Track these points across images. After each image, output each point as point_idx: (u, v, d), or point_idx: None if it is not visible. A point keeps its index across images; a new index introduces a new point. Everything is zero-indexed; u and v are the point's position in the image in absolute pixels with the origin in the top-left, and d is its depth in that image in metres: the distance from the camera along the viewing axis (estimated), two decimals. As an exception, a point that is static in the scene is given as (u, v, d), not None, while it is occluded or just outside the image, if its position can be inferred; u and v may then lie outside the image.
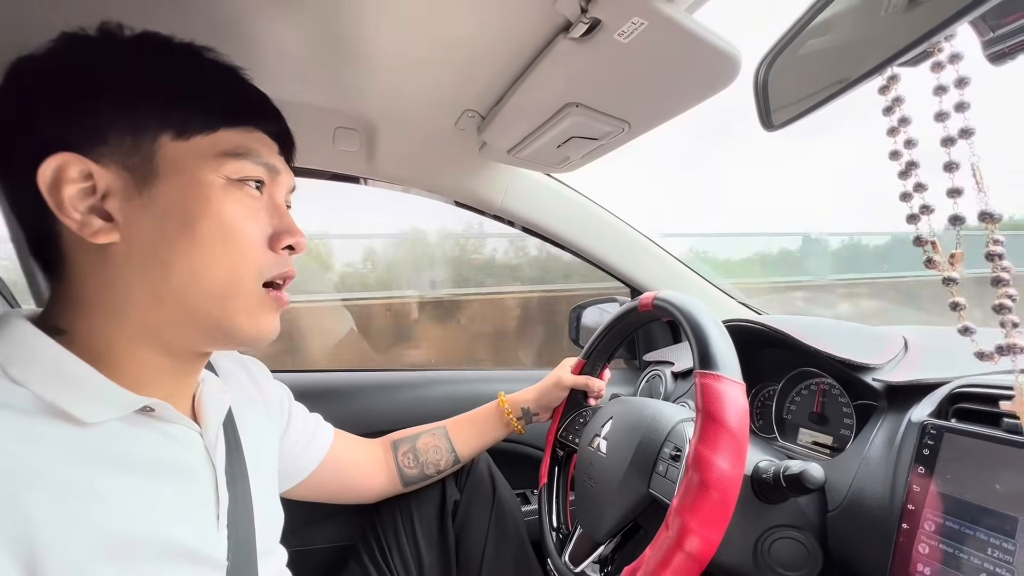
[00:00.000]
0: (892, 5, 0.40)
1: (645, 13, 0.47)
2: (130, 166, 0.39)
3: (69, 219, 0.37)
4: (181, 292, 0.40)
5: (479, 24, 0.54)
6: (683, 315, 0.58)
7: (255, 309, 0.44)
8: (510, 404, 0.83)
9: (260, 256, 0.44)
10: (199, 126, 0.41)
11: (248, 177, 0.43)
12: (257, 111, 0.46)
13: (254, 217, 0.44)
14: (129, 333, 0.41)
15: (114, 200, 0.39)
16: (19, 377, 0.36)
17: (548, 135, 0.72)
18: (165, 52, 0.42)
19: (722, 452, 0.47)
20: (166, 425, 0.43)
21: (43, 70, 0.39)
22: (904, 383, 0.57)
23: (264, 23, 0.57)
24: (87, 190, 0.38)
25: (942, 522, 0.45)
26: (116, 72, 0.40)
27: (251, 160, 0.43)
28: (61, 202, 0.37)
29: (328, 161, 0.89)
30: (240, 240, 0.42)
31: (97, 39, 0.41)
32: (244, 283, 0.43)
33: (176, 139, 0.40)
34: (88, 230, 0.38)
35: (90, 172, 0.38)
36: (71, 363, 0.38)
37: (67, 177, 0.37)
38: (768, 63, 0.51)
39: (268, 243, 0.45)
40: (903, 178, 0.35)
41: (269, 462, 0.59)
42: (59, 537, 0.33)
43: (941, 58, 0.33)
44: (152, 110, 0.40)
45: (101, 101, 0.39)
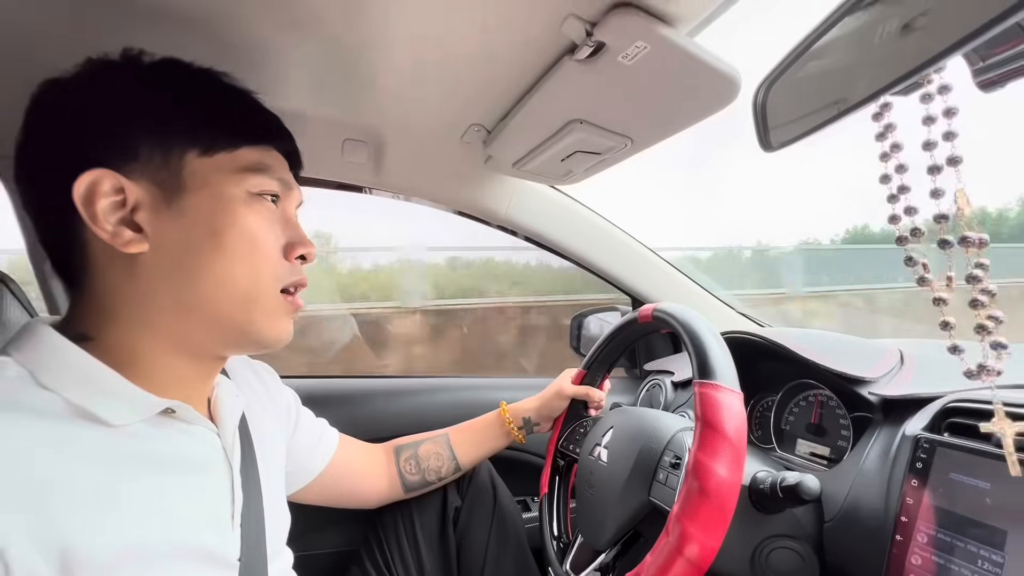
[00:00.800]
0: (886, 31, 0.42)
1: (648, 37, 0.48)
2: (159, 181, 0.41)
3: (102, 230, 0.40)
4: (207, 298, 0.43)
5: (488, 44, 0.56)
6: (682, 327, 0.59)
7: (274, 313, 0.47)
8: (511, 414, 0.84)
9: (277, 264, 0.47)
10: (223, 144, 0.44)
11: (266, 191, 0.46)
12: (273, 131, 0.49)
13: (271, 228, 0.47)
14: (155, 339, 0.43)
15: (144, 212, 0.41)
16: (49, 383, 0.38)
17: (552, 149, 0.74)
18: (188, 76, 0.45)
19: (721, 460, 0.48)
20: (186, 426, 0.45)
21: (74, 93, 0.42)
22: (899, 397, 0.59)
23: (276, 39, 0.58)
24: (118, 203, 0.40)
25: (934, 534, 0.46)
26: (145, 94, 0.42)
27: (269, 175, 0.46)
28: (95, 214, 0.39)
29: (336, 172, 0.91)
30: (261, 249, 0.45)
31: (122, 64, 0.43)
32: (265, 289, 0.45)
33: (202, 156, 0.43)
34: (119, 240, 0.40)
35: (122, 186, 0.40)
36: (97, 369, 0.40)
37: (101, 191, 0.39)
38: (767, 85, 0.52)
39: (283, 252, 0.47)
40: (892, 202, 0.37)
41: (278, 464, 0.61)
42: (88, 540, 0.34)
43: (930, 89, 0.35)
44: (180, 129, 0.42)
45: (133, 121, 0.41)
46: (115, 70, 0.43)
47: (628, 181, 5.46)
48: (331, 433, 0.75)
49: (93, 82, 0.42)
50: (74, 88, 0.42)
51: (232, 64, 0.49)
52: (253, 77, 0.51)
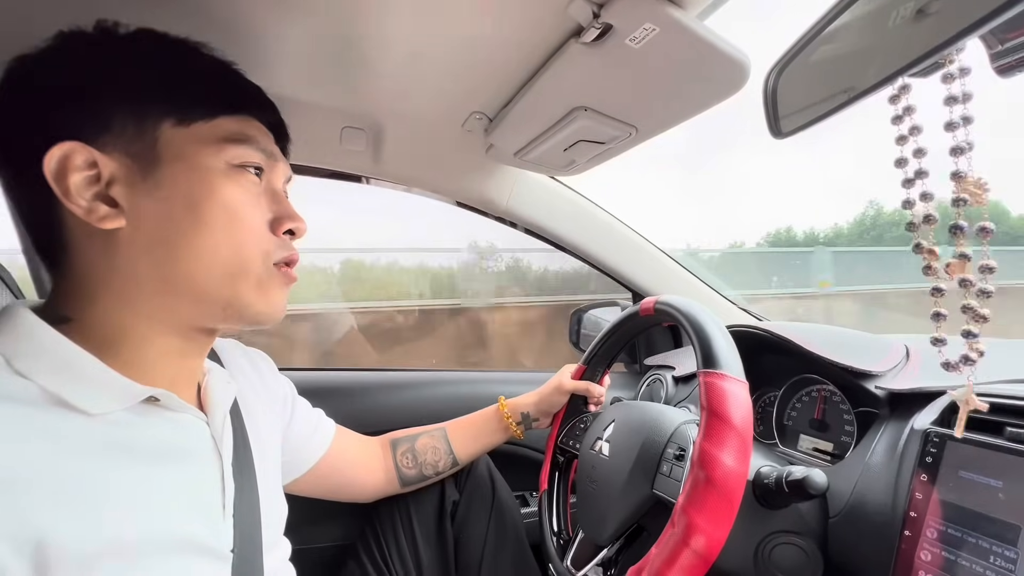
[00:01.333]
0: (900, 16, 0.41)
1: (657, 19, 0.47)
2: (133, 153, 0.40)
3: (76, 206, 0.38)
4: (188, 273, 0.41)
5: (490, 27, 0.55)
6: (685, 317, 0.58)
7: (264, 284, 0.45)
8: (510, 408, 0.83)
9: (263, 238, 0.45)
10: (200, 113, 0.42)
11: (248, 163, 0.44)
12: (253, 100, 0.47)
13: (255, 202, 0.45)
14: (137, 317, 0.41)
15: (119, 187, 0.39)
16: (24, 370, 0.36)
17: (555, 138, 0.72)
18: (160, 45, 0.43)
19: (727, 449, 0.47)
20: (172, 414, 0.43)
21: (44, 66, 0.40)
22: (906, 391, 0.58)
23: (274, 23, 0.57)
24: (92, 178, 0.39)
25: (944, 529, 0.45)
26: (117, 63, 0.41)
27: (250, 146, 0.44)
28: (67, 189, 0.38)
29: (334, 160, 0.89)
30: (243, 222, 0.43)
31: (95, 36, 0.42)
32: (251, 262, 0.44)
33: (177, 126, 0.41)
34: (95, 216, 0.38)
35: (95, 160, 0.39)
36: (76, 354, 0.38)
37: (72, 165, 0.38)
38: (778, 71, 0.51)
39: (269, 227, 0.46)
40: (908, 186, 0.35)
41: (274, 454, 0.59)
42: (66, 534, 0.33)
43: (952, 69, 0.33)
44: (154, 98, 0.41)
45: (103, 91, 0.40)
46: (87, 41, 0.41)
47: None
48: (327, 424, 0.74)
49: (63, 54, 0.41)
50: (44, 62, 0.40)
51: (229, 48, 0.47)
52: (250, 61, 0.49)
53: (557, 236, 1.06)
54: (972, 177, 0.31)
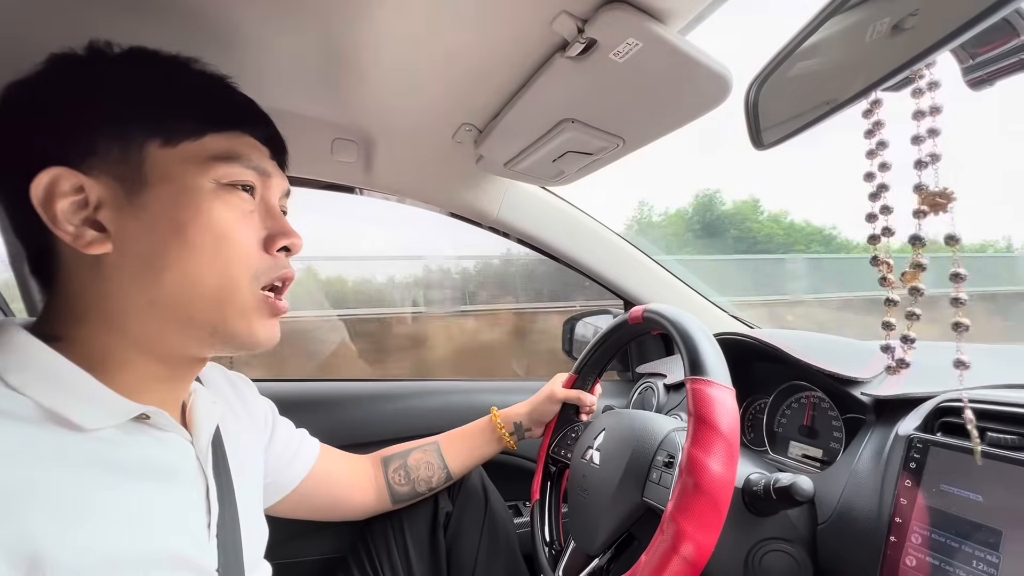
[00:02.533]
0: (876, 31, 0.42)
1: (639, 34, 0.48)
2: (120, 176, 0.39)
3: (63, 232, 0.38)
4: (175, 298, 0.40)
5: (478, 41, 0.56)
6: (672, 325, 0.59)
7: (250, 312, 0.44)
8: (503, 419, 0.83)
9: (254, 260, 0.44)
10: (186, 132, 0.41)
11: (238, 181, 0.43)
12: (244, 115, 0.46)
13: (246, 220, 0.44)
14: (125, 341, 0.41)
15: (106, 210, 0.39)
16: (17, 384, 0.36)
17: (544, 149, 0.73)
18: (150, 63, 0.43)
19: (715, 455, 0.47)
20: (160, 433, 0.43)
21: (32, 91, 0.40)
22: (891, 397, 0.58)
23: (265, 36, 0.58)
24: (80, 203, 0.38)
25: (929, 535, 0.46)
26: (101, 86, 0.40)
27: (240, 164, 0.43)
28: (55, 216, 0.38)
29: (326, 171, 0.90)
30: (232, 244, 0.42)
31: (84, 57, 0.42)
32: (238, 287, 0.43)
33: (164, 146, 0.40)
34: (82, 242, 0.38)
35: (81, 185, 0.38)
36: (69, 370, 0.38)
37: (59, 191, 0.38)
38: (759, 84, 0.52)
39: (262, 246, 0.45)
40: (873, 200, 0.36)
41: (255, 477, 0.59)
42: (58, 548, 0.33)
43: (921, 85, 0.34)
44: (138, 118, 0.40)
45: (87, 114, 0.39)
46: (75, 64, 0.41)
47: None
48: (310, 445, 0.72)
49: (51, 78, 0.40)
50: (33, 86, 0.40)
51: (221, 61, 0.47)
52: (241, 74, 0.49)
53: (548, 245, 1.07)
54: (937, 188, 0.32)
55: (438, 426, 0.85)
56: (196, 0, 0.51)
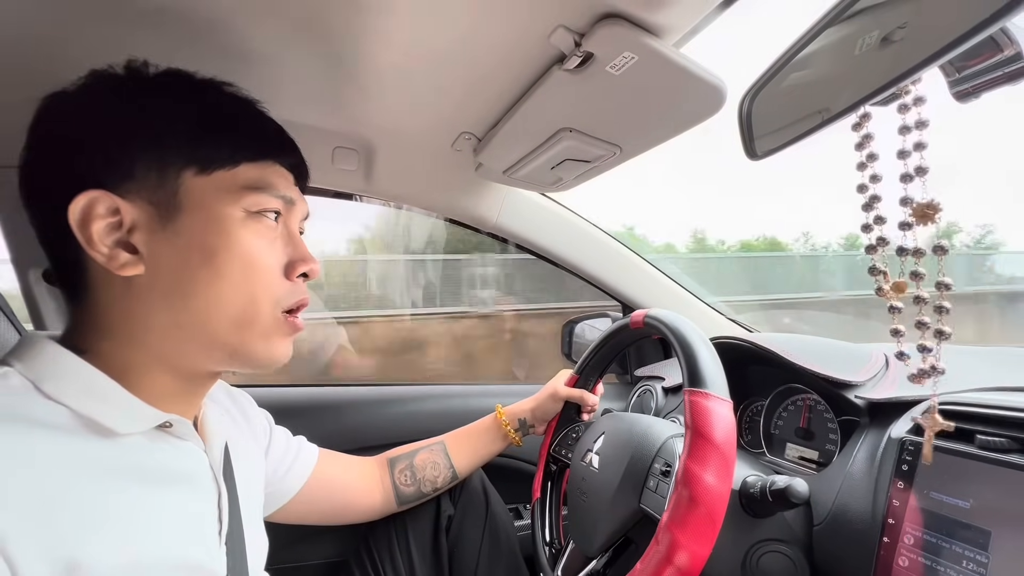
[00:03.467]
0: (866, 44, 0.43)
1: (635, 48, 0.49)
2: (155, 201, 0.41)
3: (97, 253, 0.39)
4: (200, 321, 0.42)
5: (477, 53, 0.57)
6: (673, 334, 0.60)
7: (271, 335, 0.45)
8: (507, 416, 0.84)
9: (277, 285, 0.45)
10: (222, 162, 0.43)
11: (266, 209, 0.45)
12: (276, 145, 0.47)
13: (271, 248, 0.45)
14: (148, 356, 0.42)
15: (140, 233, 0.40)
16: (53, 393, 0.37)
17: (542, 157, 0.74)
18: (188, 89, 0.44)
19: (710, 468, 0.48)
20: (179, 442, 0.45)
21: (74, 109, 0.41)
22: (884, 400, 0.59)
23: (267, 48, 0.58)
24: (114, 224, 0.39)
25: (921, 535, 0.47)
26: (143, 111, 0.41)
27: (269, 193, 0.45)
28: (90, 237, 0.39)
29: (326, 179, 0.90)
30: (258, 271, 0.44)
31: (124, 77, 0.43)
32: (261, 311, 0.44)
33: (199, 174, 0.42)
34: (115, 263, 0.39)
35: (118, 207, 0.39)
36: (100, 379, 0.39)
37: (96, 213, 0.39)
38: (752, 95, 0.53)
39: (284, 272, 0.46)
40: (866, 211, 0.37)
41: (257, 488, 0.60)
42: (93, 554, 0.34)
43: (907, 100, 0.36)
44: (177, 147, 0.41)
45: (130, 140, 0.40)
46: (115, 84, 0.42)
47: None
48: (309, 452, 0.73)
49: (92, 97, 0.41)
50: (74, 104, 0.41)
51: (224, 71, 0.48)
52: (244, 85, 0.50)
53: (547, 250, 1.08)
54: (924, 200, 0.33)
55: (440, 429, 0.86)
56: (199, 15, 0.52)
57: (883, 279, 0.40)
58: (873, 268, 0.39)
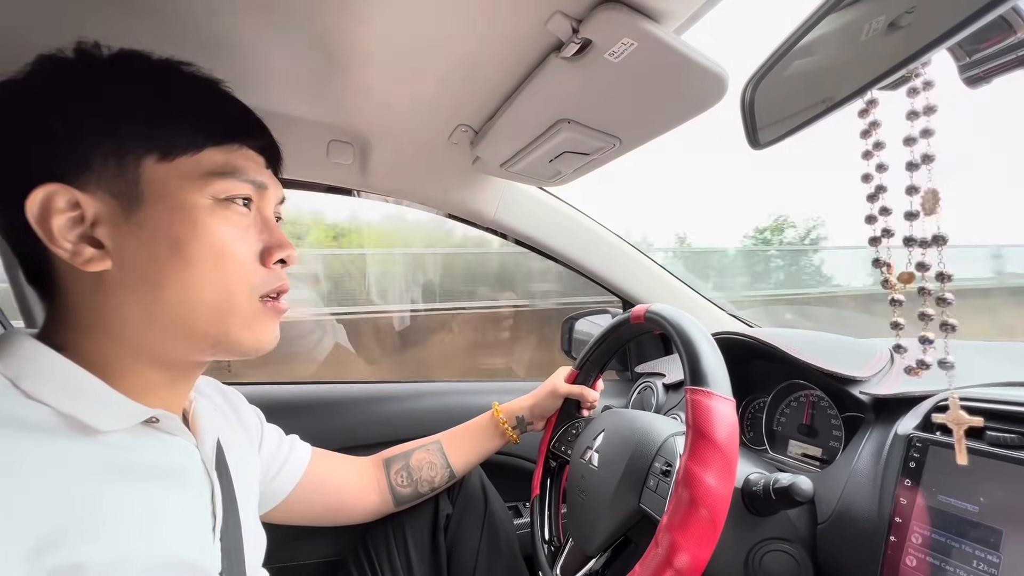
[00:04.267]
0: (872, 29, 0.42)
1: (634, 34, 0.48)
2: (116, 192, 0.39)
3: (60, 249, 0.37)
4: (176, 313, 0.41)
5: (472, 42, 0.55)
6: (675, 330, 0.58)
7: (252, 323, 0.44)
8: (504, 413, 0.83)
9: (252, 274, 0.44)
10: (183, 147, 0.40)
11: (235, 196, 0.43)
12: (242, 127, 0.45)
13: (243, 235, 0.44)
14: (127, 351, 0.41)
15: (103, 227, 0.39)
16: (33, 391, 0.36)
17: (540, 150, 0.73)
18: (144, 70, 0.42)
19: (712, 469, 0.47)
20: (167, 437, 0.43)
21: (23, 97, 0.39)
22: (890, 396, 0.58)
23: (259, 39, 0.57)
24: (75, 219, 0.38)
25: (929, 534, 0.45)
26: (95, 95, 0.39)
27: (238, 179, 0.43)
28: (51, 233, 0.37)
29: (321, 173, 0.89)
30: (230, 260, 0.42)
31: (74, 60, 0.40)
32: (238, 300, 0.43)
33: (160, 161, 0.40)
34: (80, 259, 0.38)
35: (77, 201, 0.38)
36: (80, 375, 0.38)
37: (55, 208, 0.37)
38: (755, 83, 0.52)
39: (259, 259, 0.45)
40: (871, 201, 0.36)
41: (252, 484, 0.59)
42: (84, 554, 0.33)
43: (916, 84, 0.34)
44: (134, 133, 0.39)
45: (82, 127, 0.38)
46: (66, 68, 0.40)
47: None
48: (301, 451, 0.72)
49: (42, 83, 0.39)
50: (22, 91, 0.39)
51: (215, 65, 0.47)
52: (236, 78, 0.49)
53: (545, 245, 1.06)
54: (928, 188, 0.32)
55: (437, 427, 0.85)
56: (189, 3, 0.51)
57: (887, 271, 0.39)
58: (877, 260, 0.38)
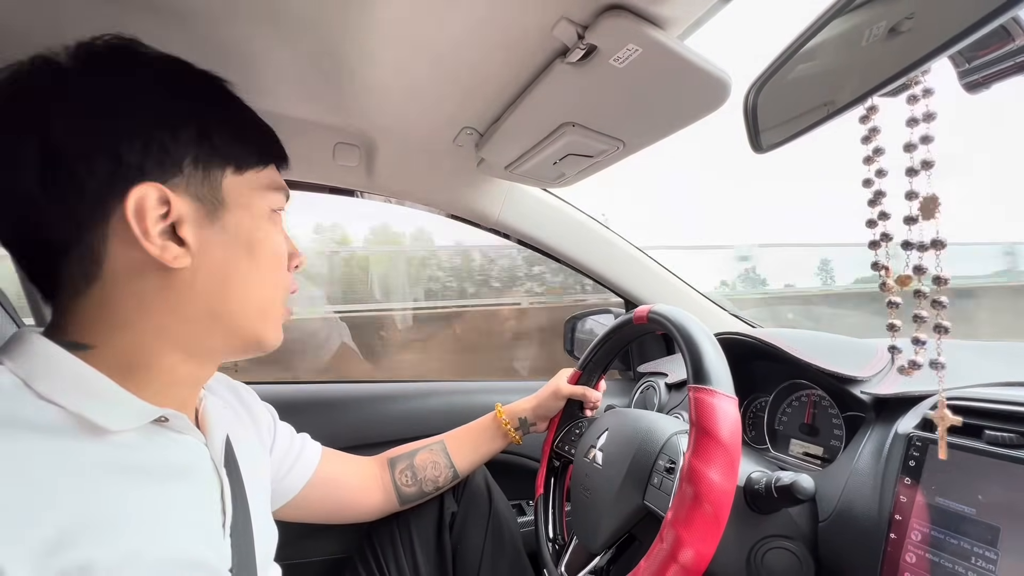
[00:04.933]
0: (873, 35, 0.42)
1: (639, 40, 0.49)
2: (200, 196, 0.42)
3: (151, 245, 0.39)
4: (234, 310, 0.45)
5: (479, 47, 0.56)
6: (677, 329, 0.59)
7: (277, 322, 0.50)
8: (507, 415, 0.84)
9: (287, 277, 0.50)
10: (253, 162, 0.46)
11: (280, 208, 0.50)
12: (278, 148, 0.51)
13: (284, 243, 0.50)
14: (166, 345, 0.43)
15: (187, 227, 0.41)
16: (44, 391, 0.37)
17: (545, 152, 0.74)
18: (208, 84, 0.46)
19: (715, 465, 0.48)
20: (177, 435, 0.44)
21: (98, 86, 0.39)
22: (890, 395, 0.59)
23: (267, 42, 0.58)
24: (162, 216, 0.40)
25: (928, 532, 0.46)
26: (185, 101, 0.43)
27: (282, 193, 0.50)
28: (146, 230, 0.39)
29: (328, 175, 0.90)
30: (281, 263, 0.49)
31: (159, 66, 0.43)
32: (277, 300, 0.49)
33: (236, 173, 0.45)
34: (168, 255, 0.40)
35: (168, 199, 0.40)
36: (91, 375, 0.39)
37: (149, 205, 0.39)
38: (757, 87, 0.53)
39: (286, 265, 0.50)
40: (872, 206, 0.37)
41: (263, 481, 0.60)
42: (95, 554, 0.34)
43: (916, 91, 0.35)
44: (221, 144, 0.44)
45: (179, 133, 0.41)
46: (137, 64, 0.41)
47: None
48: (312, 449, 0.73)
49: (119, 78, 0.40)
50: (95, 80, 0.39)
51: (222, 66, 0.47)
52: (244, 81, 0.50)
53: (549, 246, 1.07)
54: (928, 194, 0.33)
55: (442, 427, 0.86)
56: (199, 7, 0.52)
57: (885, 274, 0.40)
58: (876, 263, 0.39)
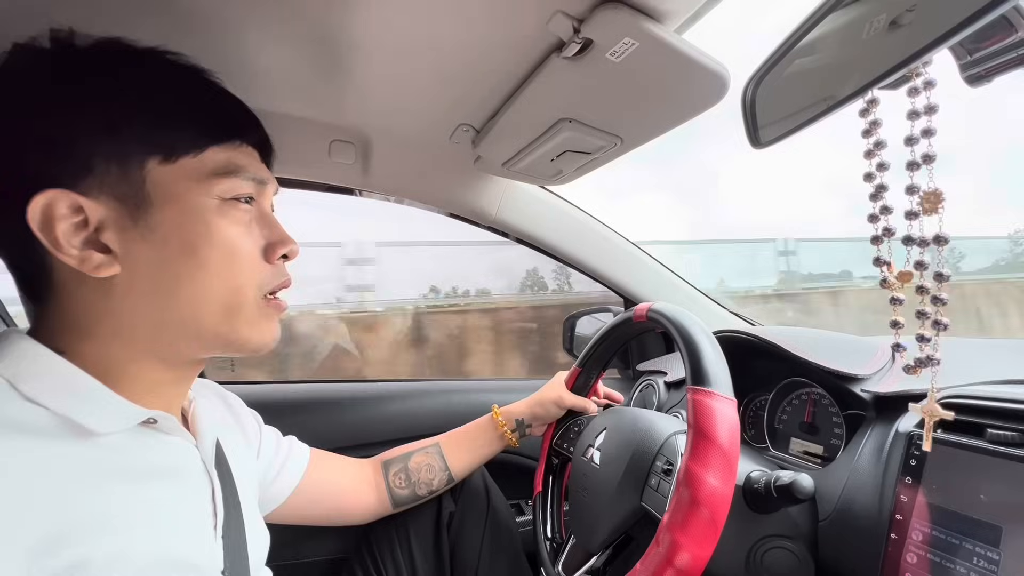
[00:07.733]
0: (873, 28, 0.42)
1: (636, 34, 0.48)
2: (121, 195, 0.38)
3: (67, 256, 0.37)
4: (188, 315, 0.41)
5: (474, 41, 0.55)
6: (676, 329, 0.58)
7: (257, 320, 0.44)
8: (504, 416, 0.83)
9: (258, 271, 0.44)
10: (186, 147, 0.40)
11: (240, 195, 0.43)
12: (240, 124, 0.45)
13: (248, 233, 0.44)
14: (133, 351, 0.41)
15: (110, 232, 0.38)
16: (31, 393, 0.36)
17: (542, 149, 0.73)
18: (135, 63, 0.40)
19: (713, 469, 0.47)
20: (166, 437, 0.44)
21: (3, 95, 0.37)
22: (891, 394, 0.58)
23: (259, 37, 0.57)
24: (79, 224, 0.37)
25: (929, 531, 0.46)
26: (90, 93, 0.38)
27: (240, 177, 0.43)
28: (56, 240, 0.36)
29: (323, 173, 0.90)
30: (240, 259, 0.42)
31: (54, 52, 0.38)
32: (246, 298, 0.43)
33: (164, 163, 0.39)
34: (89, 265, 0.37)
35: (80, 206, 0.37)
36: (80, 377, 0.38)
37: (57, 214, 0.36)
38: (756, 82, 0.52)
39: (263, 255, 0.45)
40: (873, 200, 0.36)
41: (252, 485, 0.59)
42: (77, 556, 0.33)
43: (917, 83, 0.34)
44: (135, 134, 0.38)
45: (79, 129, 0.37)
46: (48, 61, 0.37)
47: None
48: (300, 453, 0.72)
49: (25, 79, 0.37)
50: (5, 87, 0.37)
51: (213, 63, 0.46)
52: (237, 78, 0.49)
53: (547, 244, 1.07)
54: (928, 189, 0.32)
55: (439, 426, 0.85)
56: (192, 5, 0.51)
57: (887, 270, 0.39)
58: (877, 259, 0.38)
